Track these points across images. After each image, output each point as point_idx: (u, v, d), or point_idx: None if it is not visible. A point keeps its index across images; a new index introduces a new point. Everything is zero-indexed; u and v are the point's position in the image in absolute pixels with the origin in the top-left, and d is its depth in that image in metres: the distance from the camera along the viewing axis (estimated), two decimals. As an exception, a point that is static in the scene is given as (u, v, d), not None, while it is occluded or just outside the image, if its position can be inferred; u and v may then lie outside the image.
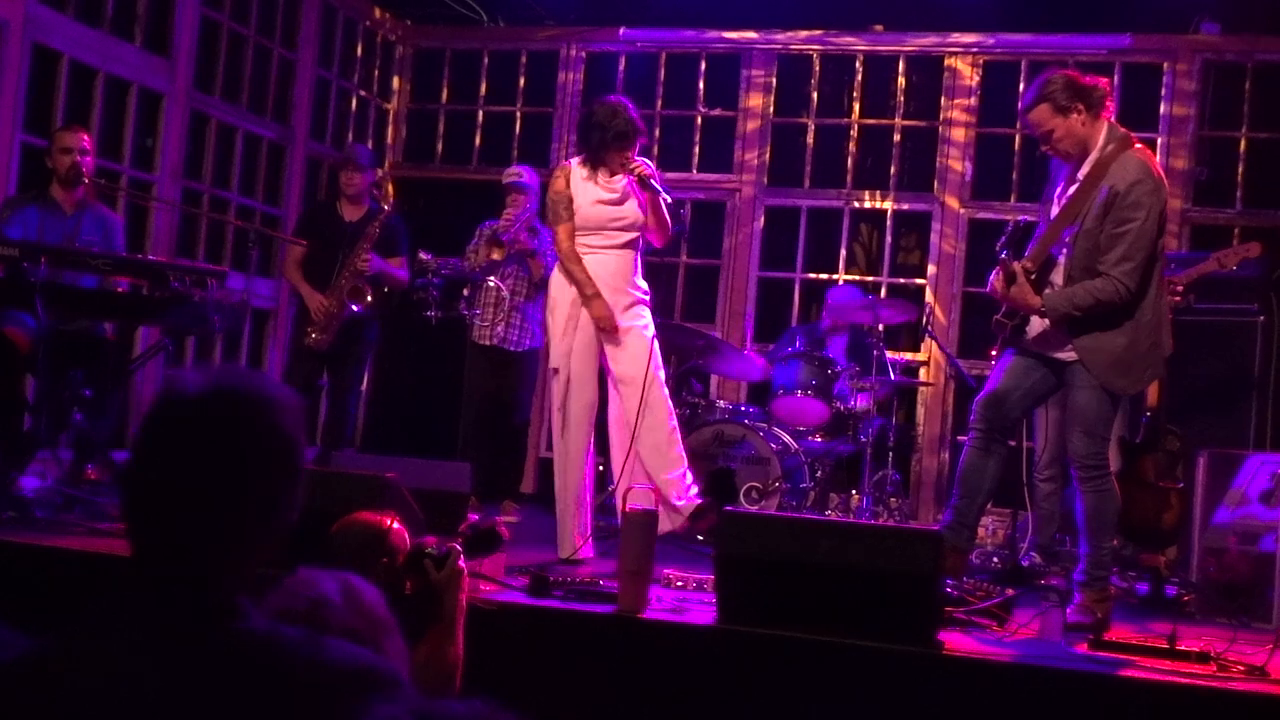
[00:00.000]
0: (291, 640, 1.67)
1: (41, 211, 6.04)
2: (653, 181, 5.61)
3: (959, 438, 7.87)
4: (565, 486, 5.58)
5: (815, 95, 9.20)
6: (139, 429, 1.75)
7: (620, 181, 5.66)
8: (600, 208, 5.65)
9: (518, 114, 9.74)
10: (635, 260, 5.74)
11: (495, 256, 7.10)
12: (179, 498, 1.68)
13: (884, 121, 9.09)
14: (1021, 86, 8.58)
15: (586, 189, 5.67)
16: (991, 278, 4.89)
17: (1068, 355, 4.80)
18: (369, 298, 6.92)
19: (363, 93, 9.72)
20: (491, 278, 7.15)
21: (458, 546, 3.11)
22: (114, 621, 1.66)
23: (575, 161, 5.75)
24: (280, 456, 1.74)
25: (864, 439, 7.27)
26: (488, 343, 7.21)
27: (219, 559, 1.69)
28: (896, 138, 9.04)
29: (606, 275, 5.64)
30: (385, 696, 1.59)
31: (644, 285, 5.78)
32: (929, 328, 8.01)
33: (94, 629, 1.66)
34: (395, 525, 3.25)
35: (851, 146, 9.10)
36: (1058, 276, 4.80)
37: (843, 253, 9.04)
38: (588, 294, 5.60)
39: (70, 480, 5.87)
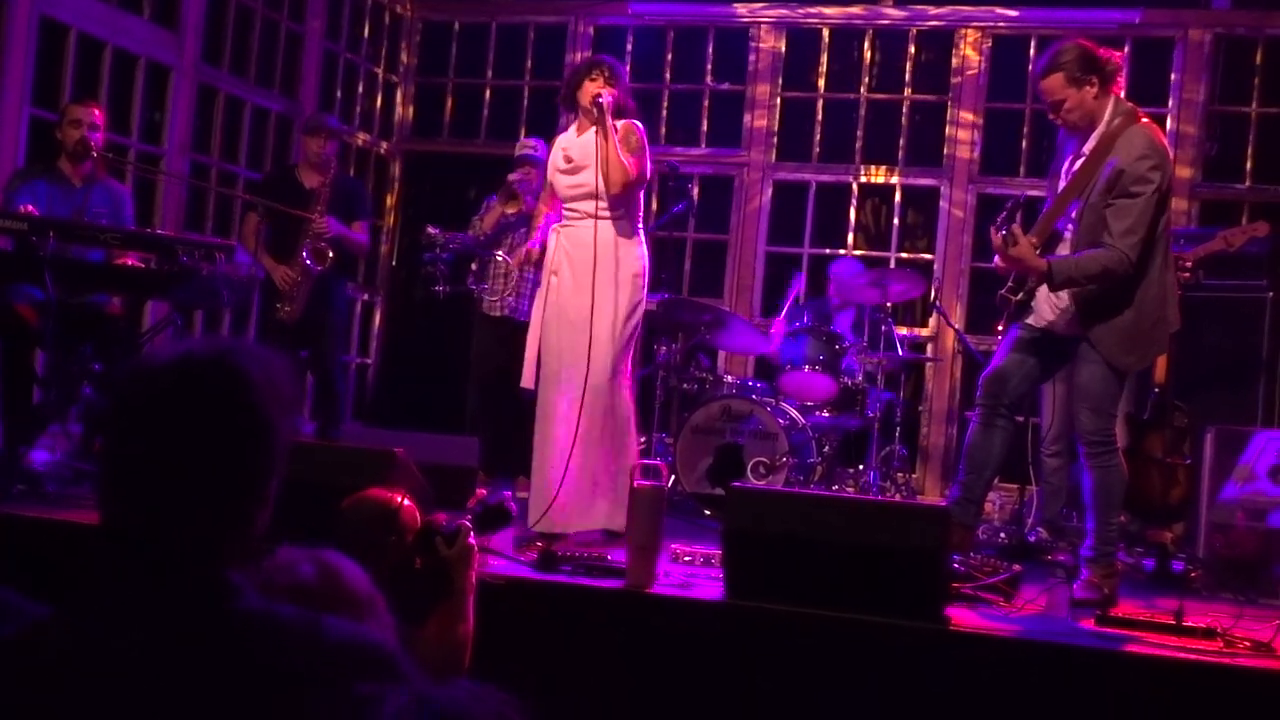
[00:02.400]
0: (289, 619, 1.65)
1: (50, 184, 6.03)
2: (601, 102, 5.28)
3: (966, 413, 7.88)
4: (535, 456, 5.47)
5: (824, 69, 9.17)
6: (110, 399, 1.73)
7: (587, 146, 5.40)
8: (560, 177, 5.49)
9: (525, 88, 9.72)
10: (610, 232, 5.36)
11: (510, 211, 7.08)
12: (145, 468, 1.65)
13: (893, 96, 9.07)
14: (1031, 61, 8.56)
15: (555, 162, 5.54)
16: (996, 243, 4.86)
17: (1073, 331, 4.79)
18: (330, 255, 6.84)
19: (370, 66, 9.70)
20: (499, 252, 7.14)
21: (467, 524, 3.12)
22: (106, 603, 1.64)
23: (560, 135, 5.66)
24: (250, 426, 1.69)
25: (871, 414, 7.28)
26: (498, 314, 7.20)
27: (195, 533, 1.65)
28: (905, 112, 9.01)
29: (574, 249, 5.39)
30: (386, 676, 1.59)
31: (629, 264, 5.39)
32: (937, 303, 8.01)
33: (85, 611, 1.64)
34: (406, 503, 3.26)
35: (861, 121, 9.08)
36: (1063, 250, 4.79)
37: (851, 227, 9.04)
38: None
39: (80, 454, 5.89)
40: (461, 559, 3.06)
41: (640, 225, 5.53)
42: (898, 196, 9.00)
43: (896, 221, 9.01)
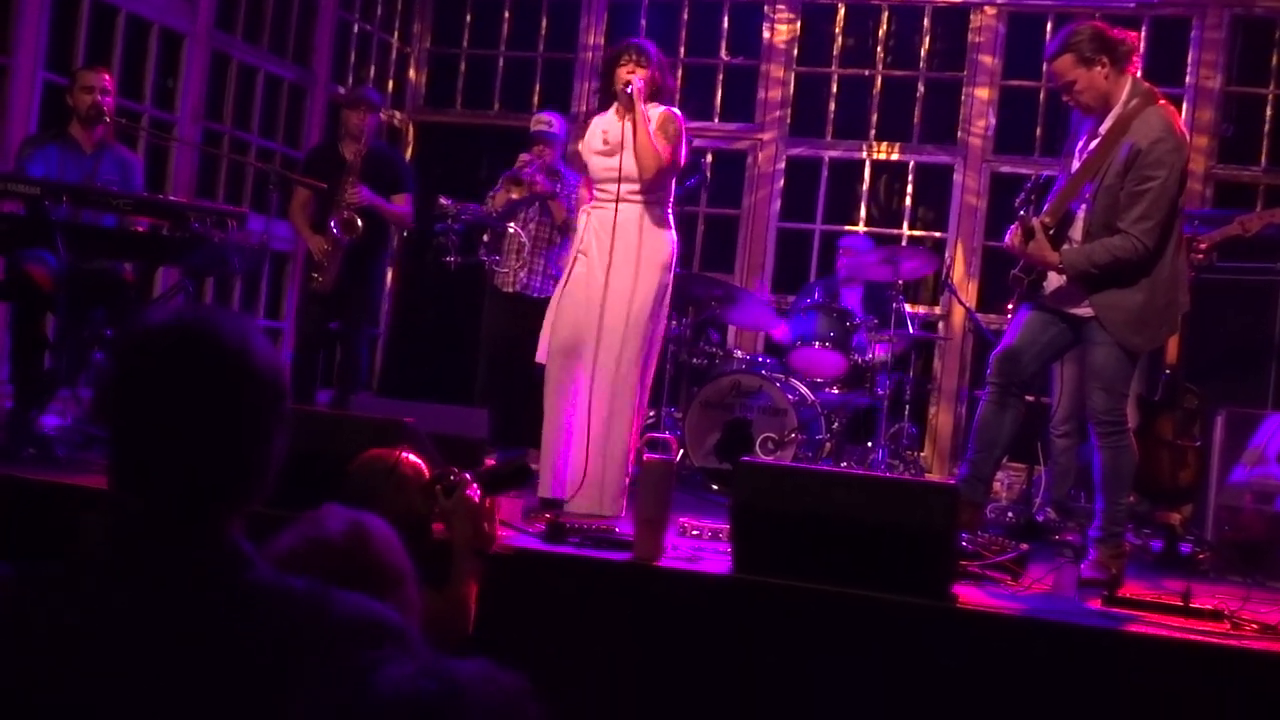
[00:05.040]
0: (298, 593, 1.64)
1: (61, 150, 6.03)
2: (629, 91, 5.30)
3: (976, 392, 7.87)
4: (545, 427, 5.48)
5: (839, 45, 9.13)
6: (107, 364, 1.72)
7: (621, 129, 5.42)
8: (595, 159, 5.47)
9: (539, 59, 9.69)
10: (639, 216, 5.36)
11: (514, 196, 7.06)
12: (149, 429, 1.65)
13: (908, 73, 9.03)
14: (1048, 39, 8.52)
15: (591, 143, 5.51)
16: (1008, 233, 4.88)
17: (1084, 311, 4.78)
18: (360, 225, 6.85)
19: (384, 35, 9.67)
20: (512, 224, 7.14)
21: (468, 476, 3.11)
22: (113, 564, 1.64)
23: (597, 117, 5.61)
24: (257, 388, 1.68)
25: (881, 391, 7.27)
26: (510, 289, 7.20)
27: (202, 497, 1.65)
28: (920, 89, 8.98)
29: (601, 230, 5.39)
30: (392, 650, 1.58)
31: (655, 249, 5.37)
32: (949, 281, 7.99)
33: (89, 571, 1.64)
34: (407, 456, 3.26)
35: (875, 97, 9.04)
36: (1076, 232, 4.78)
37: (863, 205, 9.01)
38: None
39: (91, 419, 5.90)
40: (457, 511, 3.06)
41: (670, 212, 5.50)
42: (910, 174, 8.97)
43: (909, 199, 8.98)
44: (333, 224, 6.77)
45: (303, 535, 2.09)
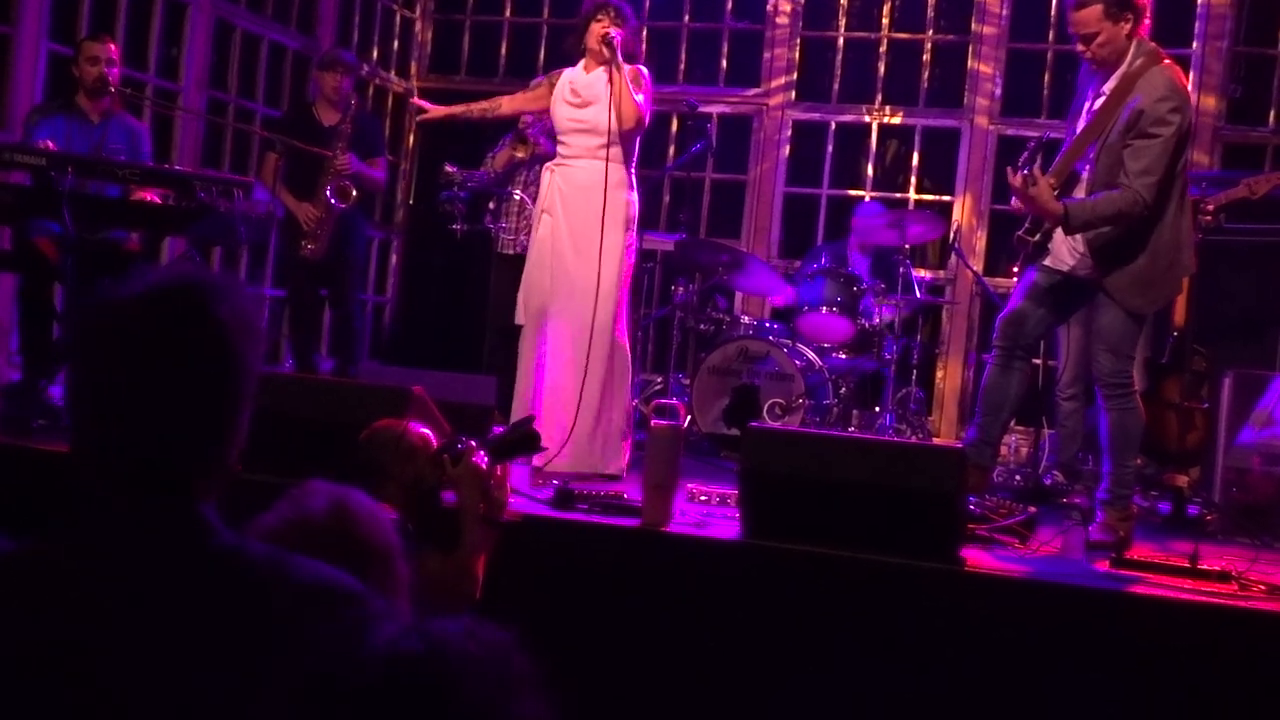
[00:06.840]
0: (255, 557, 1.64)
1: (68, 120, 6.04)
2: (612, 40, 5.33)
3: (983, 355, 7.86)
4: (517, 388, 5.53)
5: (845, 8, 9.08)
6: (76, 328, 1.72)
7: (595, 84, 5.46)
8: (564, 108, 5.51)
9: (544, 26, 9.65)
10: (607, 174, 5.38)
11: (519, 155, 7.07)
12: (110, 398, 1.64)
13: (914, 36, 8.99)
14: (1054, 1, 8.48)
15: (562, 91, 5.55)
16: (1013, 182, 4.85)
17: (1089, 274, 4.78)
18: (354, 193, 6.87)
19: (388, 3, 9.63)
20: (517, 191, 7.13)
21: (474, 444, 3.11)
22: (76, 535, 1.64)
23: (566, 70, 5.64)
24: (215, 356, 1.67)
25: (888, 356, 7.26)
26: (512, 253, 7.20)
27: (163, 465, 1.64)
28: (926, 53, 8.93)
29: (569, 188, 5.45)
30: (350, 615, 1.58)
31: (621, 207, 5.43)
32: (956, 245, 7.97)
33: (53, 543, 1.64)
34: (415, 426, 3.26)
35: (881, 61, 9.00)
36: (1080, 192, 4.77)
37: (870, 169, 8.99)
38: None
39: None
40: (464, 480, 3.06)
41: (633, 171, 5.56)
42: (917, 137, 8.94)
43: (916, 163, 8.95)
44: (329, 193, 6.77)
45: (283, 516, 2.08)
